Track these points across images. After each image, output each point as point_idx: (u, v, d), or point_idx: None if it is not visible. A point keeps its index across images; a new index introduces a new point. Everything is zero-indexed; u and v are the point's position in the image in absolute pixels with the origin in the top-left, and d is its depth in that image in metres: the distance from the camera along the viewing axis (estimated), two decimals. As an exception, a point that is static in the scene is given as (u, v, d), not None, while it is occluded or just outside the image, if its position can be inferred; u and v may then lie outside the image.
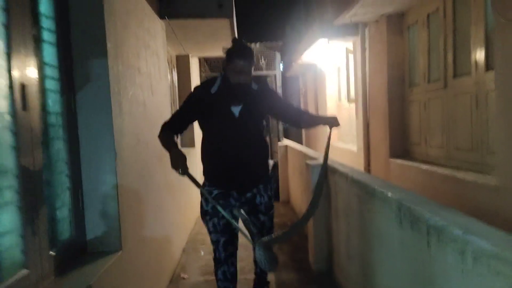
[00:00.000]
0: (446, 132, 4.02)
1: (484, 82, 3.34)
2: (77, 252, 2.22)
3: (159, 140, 2.50)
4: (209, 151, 2.60)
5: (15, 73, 1.71)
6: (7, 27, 1.68)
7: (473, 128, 3.52)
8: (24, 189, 1.73)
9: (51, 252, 1.91)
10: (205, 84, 2.58)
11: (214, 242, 2.59)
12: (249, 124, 2.53)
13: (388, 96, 5.01)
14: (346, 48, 6.90)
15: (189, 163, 2.34)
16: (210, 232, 2.60)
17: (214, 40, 5.46)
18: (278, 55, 8.44)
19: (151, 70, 3.45)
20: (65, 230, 2.15)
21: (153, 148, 3.16)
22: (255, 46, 8.28)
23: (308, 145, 10.77)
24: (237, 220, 2.55)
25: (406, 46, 4.83)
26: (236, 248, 2.66)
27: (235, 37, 2.36)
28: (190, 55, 6.54)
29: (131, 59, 2.82)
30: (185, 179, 2.38)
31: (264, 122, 2.72)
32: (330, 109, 8.53)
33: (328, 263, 3.65)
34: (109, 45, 2.36)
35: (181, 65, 6.50)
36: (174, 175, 2.47)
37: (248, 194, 2.58)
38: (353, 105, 6.84)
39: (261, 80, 2.68)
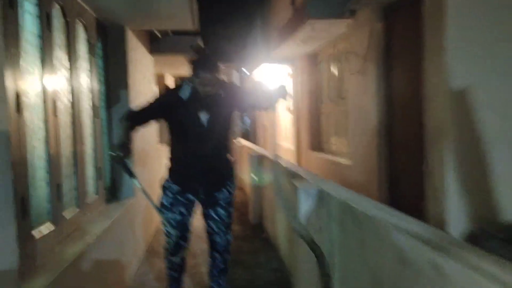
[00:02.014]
0: (337, 134, 5.94)
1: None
2: (113, 195, 3.91)
3: (120, 124, 2.56)
4: (177, 154, 2.65)
5: (94, 100, 3.42)
6: (90, 77, 3.39)
7: (347, 132, 5.43)
8: (96, 157, 3.44)
9: (104, 190, 3.62)
10: (176, 89, 2.61)
11: (166, 234, 2.63)
12: (216, 131, 2.55)
13: (309, 110, 6.88)
14: (287, 72, 8.78)
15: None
16: (164, 225, 2.62)
17: (185, 65, 7.21)
18: (235, 72, 10.30)
19: (146, 90, 5.14)
20: (107, 182, 3.84)
21: (148, 140, 4.88)
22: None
23: (260, 145, 12.56)
24: (192, 215, 2.69)
25: (319, 76, 6.73)
26: (187, 243, 2.70)
27: (197, 46, 2.48)
28: (166, 73, 8.26)
29: (137, 86, 4.51)
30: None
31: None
32: (280, 117, 10.37)
33: (260, 218, 5.44)
34: (129, 81, 4.07)
35: (160, 81, 8.21)
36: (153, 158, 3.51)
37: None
38: (290, 114, 8.72)
39: (226, 83, 2.70)
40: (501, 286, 1.01)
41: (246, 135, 14.37)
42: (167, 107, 2.54)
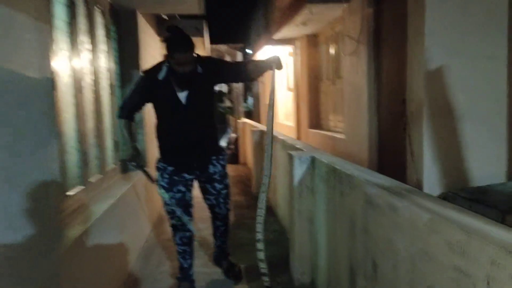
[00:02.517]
0: (334, 112, 6.28)
1: (348, 83, 5.57)
2: (127, 167, 4.30)
3: (121, 123, 2.70)
4: (162, 133, 2.67)
5: (110, 79, 3.77)
6: (107, 58, 3.72)
7: (343, 109, 5.77)
8: (113, 131, 3.81)
9: (119, 161, 4.00)
10: (152, 70, 2.58)
11: (170, 213, 2.67)
12: (196, 108, 2.55)
13: (308, 88, 7.20)
14: (288, 52, 9.05)
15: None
16: (165, 204, 2.67)
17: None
18: (239, 54, 10.56)
19: (155, 71, 5.47)
20: (122, 154, 4.21)
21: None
22: (223, 47, 10.41)
23: (263, 123, 12.90)
24: (191, 192, 2.76)
25: (319, 56, 7.02)
26: (191, 217, 2.76)
27: (170, 26, 2.44)
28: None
29: (145, 66, 4.85)
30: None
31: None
32: (280, 95, 10.69)
33: (262, 189, 5.84)
34: (140, 62, 4.41)
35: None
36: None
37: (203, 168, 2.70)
38: (291, 93, 9.04)
39: (203, 58, 2.60)
40: (430, 213, 1.37)
41: (250, 114, 14.71)
42: (147, 90, 2.56)
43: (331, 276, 2.56)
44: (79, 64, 2.89)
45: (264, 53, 9.14)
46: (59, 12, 2.63)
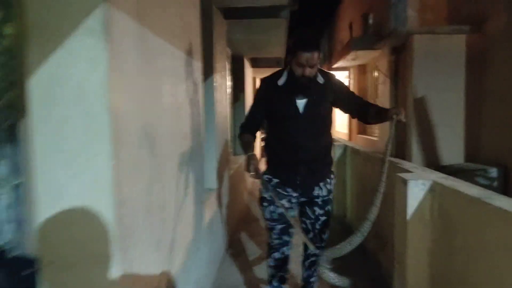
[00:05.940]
0: (375, 122, 8.23)
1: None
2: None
3: (240, 140, 2.33)
4: (273, 143, 2.33)
5: (230, 98, 6.15)
6: (229, 85, 6.12)
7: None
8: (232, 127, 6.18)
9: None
10: (272, 76, 2.29)
11: (269, 229, 2.36)
12: (313, 119, 2.21)
13: (358, 104, 9.18)
14: (345, 76, 11.07)
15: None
16: (266, 219, 2.35)
17: (269, 72, 9.85)
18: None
19: (248, 89, 7.82)
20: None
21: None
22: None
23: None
24: (295, 209, 2.36)
25: (365, 81, 8.99)
26: (290, 236, 2.35)
27: (300, 29, 2.16)
28: (258, 77, 10.99)
29: (246, 88, 7.20)
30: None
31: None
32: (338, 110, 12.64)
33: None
34: (244, 85, 6.76)
35: (254, 81, 10.96)
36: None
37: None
38: (346, 107, 11.01)
39: (328, 73, 2.26)
40: (371, 153, 3.45)
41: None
42: (265, 96, 2.27)
43: (351, 208, 4.66)
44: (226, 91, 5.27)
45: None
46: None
